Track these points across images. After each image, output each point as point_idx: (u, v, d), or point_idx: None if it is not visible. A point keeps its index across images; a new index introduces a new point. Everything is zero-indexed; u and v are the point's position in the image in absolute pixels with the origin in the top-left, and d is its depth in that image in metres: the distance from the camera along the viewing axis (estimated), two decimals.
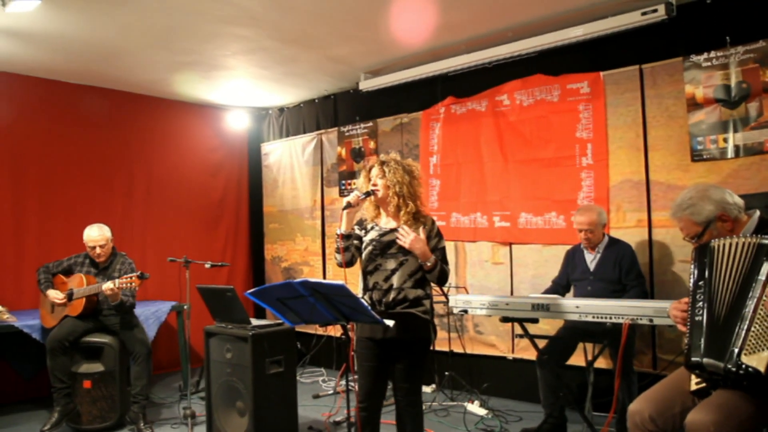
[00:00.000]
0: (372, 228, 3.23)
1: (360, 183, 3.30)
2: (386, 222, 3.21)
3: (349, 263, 3.21)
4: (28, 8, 4.03)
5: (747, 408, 2.25)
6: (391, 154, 3.28)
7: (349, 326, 2.93)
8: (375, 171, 3.20)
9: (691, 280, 2.52)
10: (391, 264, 3.11)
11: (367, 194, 3.16)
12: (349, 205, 3.10)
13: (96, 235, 4.65)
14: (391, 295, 3.08)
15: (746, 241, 2.38)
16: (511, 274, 5.25)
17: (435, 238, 3.16)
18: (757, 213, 2.59)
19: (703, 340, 2.38)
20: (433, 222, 3.21)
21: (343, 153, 6.58)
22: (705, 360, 2.34)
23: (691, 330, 2.44)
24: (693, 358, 2.39)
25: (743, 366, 2.21)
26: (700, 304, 2.43)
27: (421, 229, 3.12)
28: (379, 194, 3.15)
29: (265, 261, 7.52)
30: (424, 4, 4.38)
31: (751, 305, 2.27)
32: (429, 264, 3.05)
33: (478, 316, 5.32)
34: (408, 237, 3.03)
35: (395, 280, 3.09)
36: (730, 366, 2.25)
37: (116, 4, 4.21)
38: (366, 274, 3.19)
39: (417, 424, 3.16)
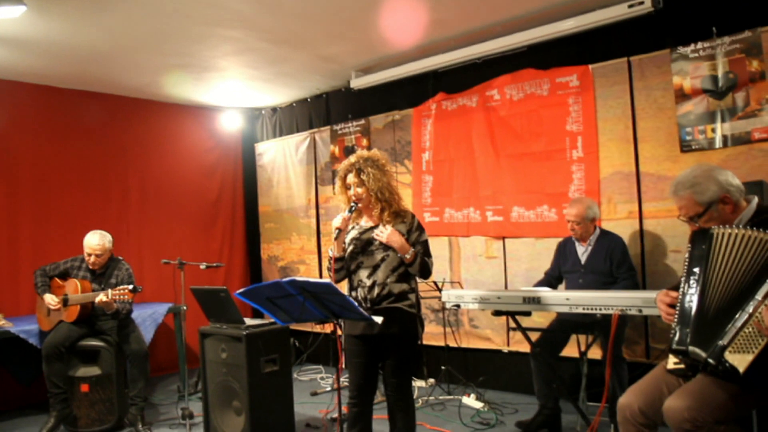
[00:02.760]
0: (353, 228, 3.26)
1: (336, 189, 3.30)
2: (366, 221, 3.24)
3: (342, 280, 3.26)
4: (14, 14, 4.03)
5: (721, 395, 2.28)
6: (358, 152, 3.27)
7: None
8: (351, 178, 3.19)
9: (686, 264, 2.47)
10: (373, 261, 3.14)
11: (351, 210, 3.17)
12: (339, 231, 3.12)
13: (95, 243, 4.62)
14: (376, 291, 3.10)
15: (759, 236, 2.28)
16: (504, 267, 5.27)
17: (416, 231, 3.18)
18: (756, 200, 2.54)
19: (691, 328, 2.37)
20: (413, 216, 3.24)
21: (336, 151, 6.59)
22: (690, 348, 2.35)
23: (680, 315, 2.42)
24: (678, 345, 2.40)
25: (725, 362, 2.22)
26: (693, 290, 2.40)
27: (401, 224, 3.14)
28: (362, 203, 3.18)
29: (262, 260, 7.55)
30: (411, 1, 4.39)
31: (751, 306, 2.22)
32: (408, 257, 3.07)
33: (473, 310, 5.35)
34: (385, 232, 3.06)
35: (378, 276, 3.11)
36: (711, 359, 2.26)
37: (104, 9, 4.22)
38: (350, 273, 3.22)
39: (408, 419, 3.19)
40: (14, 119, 5.81)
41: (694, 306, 2.39)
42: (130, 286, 4.38)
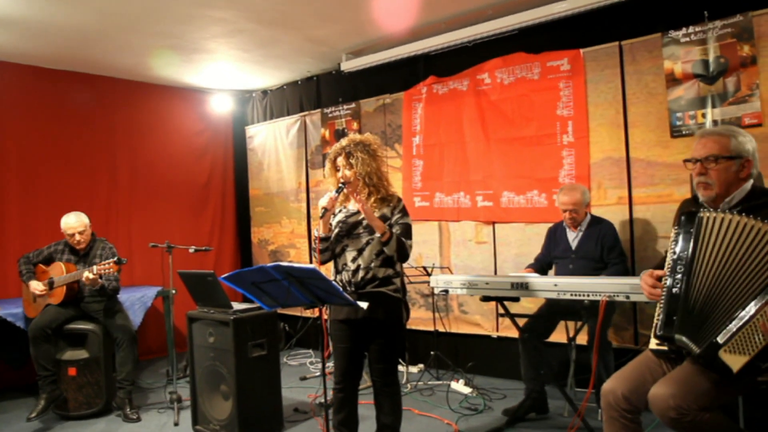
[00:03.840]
0: (340, 211, 3.24)
1: (326, 171, 3.28)
2: (354, 205, 3.21)
3: (328, 261, 3.24)
4: None
5: (705, 383, 2.27)
6: (351, 136, 3.25)
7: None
8: (341, 161, 3.17)
9: (672, 247, 2.42)
10: (357, 244, 3.12)
11: (339, 191, 3.13)
12: (325, 211, 3.09)
13: (74, 222, 4.64)
14: (360, 275, 3.09)
15: (755, 225, 2.22)
16: (494, 253, 5.27)
17: (399, 213, 3.15)
18: (752, 180, 2.48)
19: (678, 315, 2.34)
20: (399, 200, 3.21)
21: (326, 135, 6.55)
22: (677, 336, 2.33)
23: (666, 301, 2.39)
24: (664, 332, 2.38)
25: (719, 361, 2.20)
26: (679, 276, 2.37)
27: (386, 208, 3.13)
28: (350, 186, 3.14)
29: (252, 244, 7.52)
30: None
31: (753, 306, 2.17)
32: (381, 236, 3.03)
33: (463, 295, 5.35)
34: (363, 201, 3.06)
35: (362, 260, 3.10)
36: (704, 356, 2.24)
37: None
38: (335, 256, 3.20)
39: (394, 404, 3.19)
40: (1, 100, 5.73)
41: (680, 293, 2.35)
42: (114, 258, 4.36)
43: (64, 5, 4.44)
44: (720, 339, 2.21)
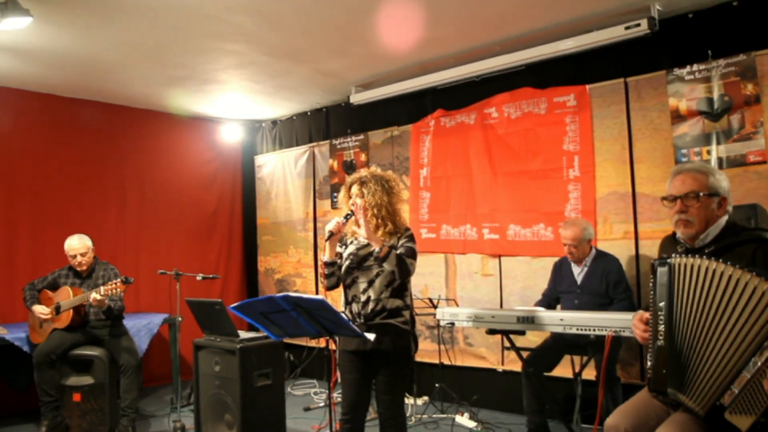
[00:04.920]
0: (351, 242, 3.27)
1: (340, 198, 3.35)
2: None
3: (334, 287, 3.27)
4: (21, 25, 4.06)
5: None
6: (372, 169, 3.31)
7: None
8: (355, 189, 3.23)
9: (653, 297, 2.37)
10: (368, 276, 3.15)
11: (347, 217, 3.17)
12: (331, 234, 3.12)
13: (76, 243, 4.71)
14: (370, 307, 3.11)
15: (725, 271, 2.14)
16: (500, 286, 5.28)
17: (404, 239, 3.17)
18: (726, 216, 2.44)
19: (667, 368, 2.30)
20: (408, 229, 3.24)
21: (335, 165, 6.62)
22: (670, 390, 2.31)
23: (654, 354, 2.35)
24: (656, 386, 2.36)
25: (726, 422, 2.14)
26: (662, 328, 2.31)
27: (394, 239, 3.16)
28: (359, 215, 3.18)
29: (259, 273, 7.55)
30: (409, 19, 4.43)
31: (752, 366, 2.08)
32: (379, 251, 3.04)
33: (468, 327, 5.34)
34: (362, 228, 3.10)
35: (372, 292, 3.12)
36: (710, 419, 2.19)
37: (108, 20, 4.27)
38: (345, 287, 3.24)
39: None
40: (15, 126, 5.85)
41: (665, 345, 2.31)
42: (122, 277, 4.40)
43: (81, 36, 4.55)
44: (724, 400, 2.14)
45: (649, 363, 2.41)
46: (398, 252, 3.09)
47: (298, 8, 4.20)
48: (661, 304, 2.35)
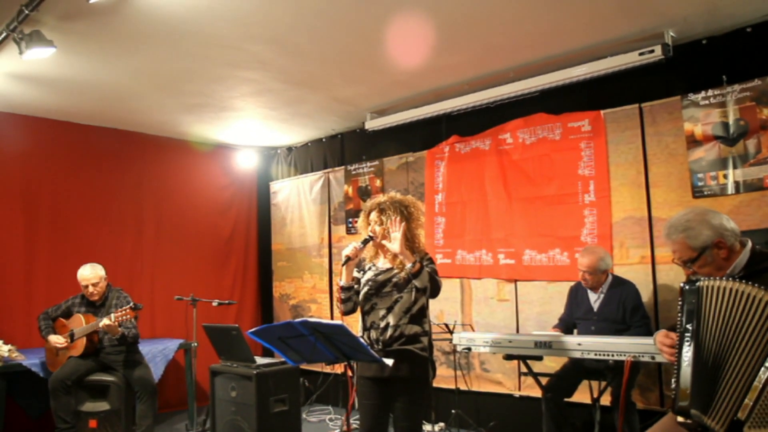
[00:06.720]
0: (369, 268, 3.28)
1: (360, 224, 3.36)
2: (384, 263, 3.26)
3: (350, 312, 3.27)
4: (44, 55, 4.16)
5: None
6: (391, 194, 3.33)
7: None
8: (374, 215, 3.25)
9: (679, 318, 2.34)
10: (387, 302, 3.15)
11: (365, 242, 3.19)
12: (348, 259, 3.14)
13: (89, 274, 4.75)
14: (388, 333, 3.11)
15: (751, 292, 2.14)
16: (516, 311, 5.25)
17: (426, 260, 3.20)
18: (749, 244, 2.41)
19: (691, 389, 2.26)
20: (426, 253, 3.27)
21: (350, 191, 6.66)
22: (693, 412, 2.25)
23: (678, 373, 2.32)
24: (681, 406, 2.30)
25: None
26: (687, 348, 2.29)
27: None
28: (378, 240, 3.19)
29: (273, 298, 7.56)
30: (424, 47, 4.48)
31: (764, 377, 2.08)
32: (412, 266, 3.06)
33: (485, 353, 5.31)
34: (396, 239, 3.10)
35: (391, 318, 3.12)
36: None
37: (128, 50, 4.36)
38: (363, 314, 3.24)
39: None
40: (35, 154, 5.95)
41: (690, 365, 2.28)
42: (130, 304, 4.43)
43: (102, 66, 4.65)
44: (741, 415, 2.12)
45: (673, 385, 2.37)
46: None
47: (315, 37, 4.27)
48: (689, 326, 2.32)
